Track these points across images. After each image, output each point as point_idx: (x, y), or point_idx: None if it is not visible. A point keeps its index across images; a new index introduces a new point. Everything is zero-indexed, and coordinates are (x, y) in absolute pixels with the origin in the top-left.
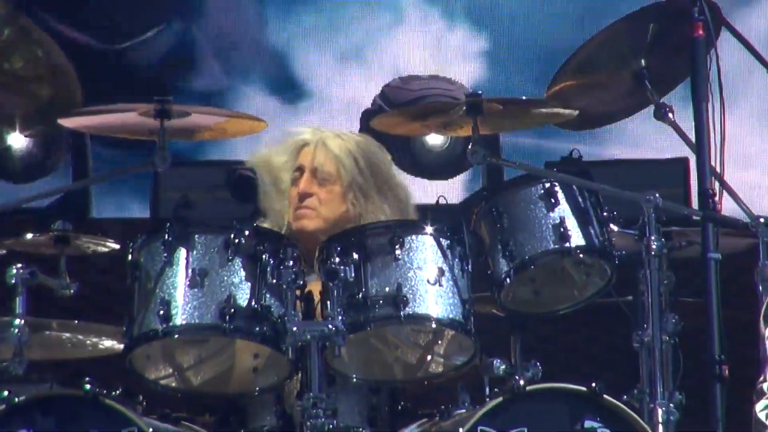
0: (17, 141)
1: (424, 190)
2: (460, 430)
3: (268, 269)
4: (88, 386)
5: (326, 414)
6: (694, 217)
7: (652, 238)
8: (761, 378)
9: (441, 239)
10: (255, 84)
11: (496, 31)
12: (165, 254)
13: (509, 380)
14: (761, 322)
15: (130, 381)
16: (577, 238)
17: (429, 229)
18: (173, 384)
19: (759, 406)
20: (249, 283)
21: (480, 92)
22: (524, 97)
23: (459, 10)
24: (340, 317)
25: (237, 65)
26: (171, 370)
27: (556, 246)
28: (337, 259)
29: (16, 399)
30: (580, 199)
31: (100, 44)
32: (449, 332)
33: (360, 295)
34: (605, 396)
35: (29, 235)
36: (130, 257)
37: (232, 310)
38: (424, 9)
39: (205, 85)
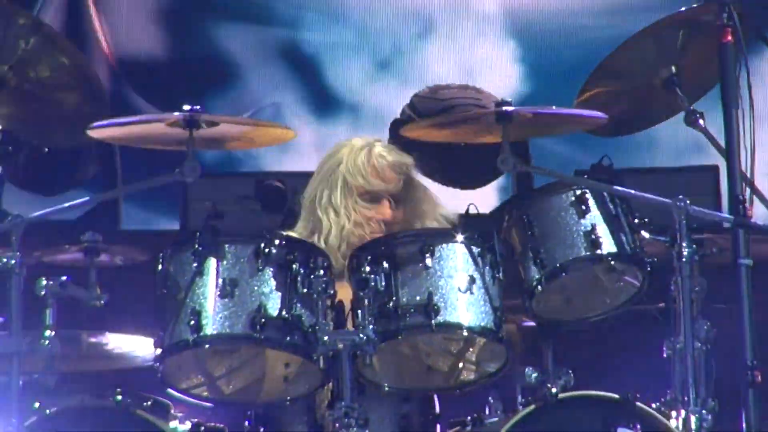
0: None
1: (454, 199)
2: None
3: (299, 278)
4: (119, 397)
5: (358, 423)
6: (725, 224)
7: (684, 244)
8: None
9: (472, 247)
10: (284, 94)
11: (526, 40)
12: (195, 264)
13: (541, 388)
14: None
15: (162, 392)
16: (608, 245)
17: (459, 237)
18: (204, 393)
19: None
20: (279, 293)
21: (509, 100)
22: (554, 107)
23: (489, 19)
24: (371, 326)
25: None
26: (202, 380)
27: (588, 253)
28: (368, 268)
29: (48, 411)
30: (611, 206)
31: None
32: (481, 340)
33: (391, 304)
34: (638, 403)
35: (59, 247)
36: (160, 267)
37: (263, 319)
38: (454, 19)
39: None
